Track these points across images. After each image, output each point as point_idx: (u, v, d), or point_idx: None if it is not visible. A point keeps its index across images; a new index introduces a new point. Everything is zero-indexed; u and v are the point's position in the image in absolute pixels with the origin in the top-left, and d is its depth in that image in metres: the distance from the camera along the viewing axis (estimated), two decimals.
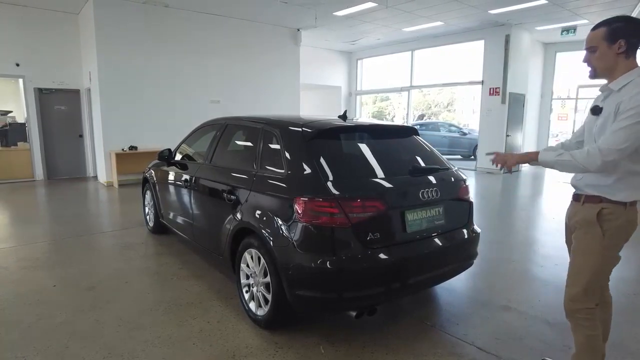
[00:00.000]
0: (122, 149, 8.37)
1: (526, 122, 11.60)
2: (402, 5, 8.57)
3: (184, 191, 3.85)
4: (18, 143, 9.19)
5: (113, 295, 3.29)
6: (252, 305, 2.83)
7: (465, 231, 2.90)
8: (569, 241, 2.06)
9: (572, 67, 12.25)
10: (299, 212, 2.38)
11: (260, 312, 2.73)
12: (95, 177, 9.56)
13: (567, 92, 13.06)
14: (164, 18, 8.63)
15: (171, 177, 4.19)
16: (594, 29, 1.81)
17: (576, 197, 1.93)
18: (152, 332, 2.72)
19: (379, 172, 2.63)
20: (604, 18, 1.81)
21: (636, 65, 1.78)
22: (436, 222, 2.69)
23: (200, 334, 2.69)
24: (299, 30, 11.05)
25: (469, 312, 3.12)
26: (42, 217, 6.14)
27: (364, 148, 2.81)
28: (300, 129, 2.76)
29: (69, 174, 9.55)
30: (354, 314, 2.44)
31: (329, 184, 2.42)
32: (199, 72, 9.25)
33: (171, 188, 4.20)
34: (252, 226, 2.71)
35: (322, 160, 2.58)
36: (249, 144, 3.24)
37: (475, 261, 3.08)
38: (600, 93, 1.90)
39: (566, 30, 10.35)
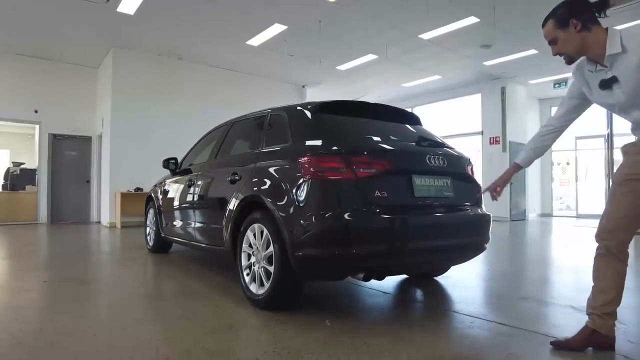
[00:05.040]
0: (128, 190, 8.42)
1: (528, 171, 11.69)
2: (401, 57, 9.13)
3: (187, 193, 3.80)
4: (26, 187, 9.30)
5: (106, 288, 3.12)
6: (252, 287, 2.64)
7: (475, 209, 2.80)
8: None
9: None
10: (304, 168, 2.34)
11: (261, 291, 2.55)
12: (99, 222, 9.49)
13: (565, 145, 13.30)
14: (176, 69, 9.19)
15: (175, 185, 4.18)
16: (543, 25, 1.86)
17: None
18: (143, 312, 2.54)
19: (385, 138, 2.63)
20: None
21: (604, 29, 1.75)
22: (445, 192, 2.62)
23: (195, 313, 2.49)
24: (304, 87, 11.68)
25: (486, 300, 2.92)
26: (39, 244, 6.00)
27: (369, 123, 2.83)
28: (306, 107, 2.82)
29: (73, 218, 9.48)
30: (361, 275, 2.27)
31: (334, 145, 2.40)
32: (206, 121, 9.46)
33: (174, 196, 4.15)
34: (256, 197, 2.64)
35: (327, 129, 2.60)
36: (255, 130, 3.28)
37: (487, 254, 2.93)
38: (593, 72, 1.83)
39: (558, 83, 10.86)
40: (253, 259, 2.67)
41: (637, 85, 1.70)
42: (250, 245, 2.71)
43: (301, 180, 2.34)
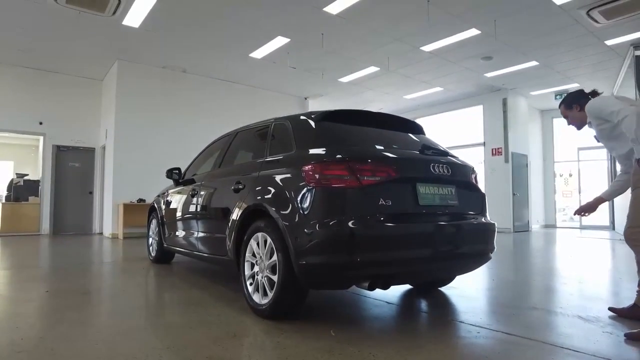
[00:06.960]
0: (130, 201, 8.42)
1: (531, 182, 11.67)
2: (402, 70, 9.21)
3: (190, 203, 3.80)
4: (29, 198, 9.32)
5: (108, 297, 3.10)
6: (255, 297, 2.62)
7: (479, 218, 2.79)
8: None
9: (570, 132, 12.62)
10: (308, 176, 2.33)
11: (265, 301, 2.52)
12: (101, 233, 9.48)
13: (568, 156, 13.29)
14: (180, 82, 9.29)
15: (178, 195, 4.18)
16: (559, 106, 2.89)
17: None
18: (145, 321, 2.51)
19: (388, 147, 2.63)
20: (592, 81, 2.65)
21: None
22: (449, 201, 2.61)
23: (198, 322, 2.46)
24: (306, 99, 11.75)
25: (492, 310, 2.88)
26: (41, 255, 5.98)
27: (373, 131, 2.83)
28: (310, 115, 2.84)
29: (75, 230, 9.49)
30: (366, 284, 2.24)
31: (339, 152, 2.40)
32: (209, 133, 9.49)
33: (177, 206, 4.14)
34: (260, 205, 2.63)
35: (331, 137, 2.61)
36: (259, 139, 3.28)
37: (492, 264, 2.90)
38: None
39: (559, 94, 10.88)
40: (256, 269, 2.65)
41: (606, 144, 2.69)
42: (253, 255, 2.70)
43: (305, 189, 2.34)
